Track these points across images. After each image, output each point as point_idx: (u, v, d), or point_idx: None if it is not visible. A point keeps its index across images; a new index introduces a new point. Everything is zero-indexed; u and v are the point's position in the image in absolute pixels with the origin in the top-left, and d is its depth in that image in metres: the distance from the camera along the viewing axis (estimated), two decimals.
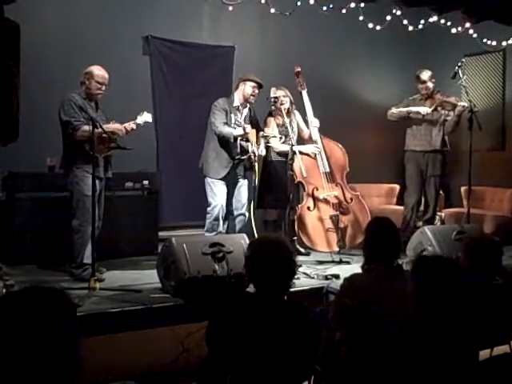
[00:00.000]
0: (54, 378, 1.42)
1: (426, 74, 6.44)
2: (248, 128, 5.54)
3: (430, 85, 6.42)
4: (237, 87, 5.86)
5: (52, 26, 6.21)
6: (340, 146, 6.20)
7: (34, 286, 1.53)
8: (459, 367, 2.22)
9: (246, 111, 5.83)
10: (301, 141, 6.12)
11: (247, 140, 5.58)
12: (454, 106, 6.35)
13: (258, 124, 5.91)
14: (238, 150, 5.67)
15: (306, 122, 6.16)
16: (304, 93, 6.11)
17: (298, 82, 6.10)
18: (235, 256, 4.35)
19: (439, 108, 6.41)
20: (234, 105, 5.76)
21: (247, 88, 5.73)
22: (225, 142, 5.67)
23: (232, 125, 5.65)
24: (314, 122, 6.07)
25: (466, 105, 6.28)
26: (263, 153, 5.74)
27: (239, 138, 5.61)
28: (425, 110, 6.36)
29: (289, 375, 2.55)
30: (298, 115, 6.19)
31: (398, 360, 2.22)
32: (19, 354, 1.39)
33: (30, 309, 1.44)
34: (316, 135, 6.06)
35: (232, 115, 5.69)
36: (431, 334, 2.19)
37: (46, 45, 6.06)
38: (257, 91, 5.76)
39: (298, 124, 6.16)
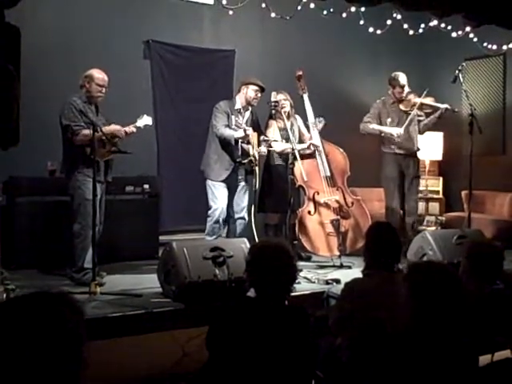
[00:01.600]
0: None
1: (404, 77, 6.36)
2: (249, 130, 5.54)
3: (407, 88, 6.38)
4: (239, 90, 5.87)
5: (53, 30, 6.22)
6: (341, 150, 6.20)
7: (39, 292, 1.52)
8: (459, 372, 2.22)
9: (247, 114, 5.84)
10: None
11: (248, 142, 5.59)
12: (435, 108, 6.32)
13: (259, 127, 5.91)
14: (240, 153, 5.68)
15: (307, 126, 6.16)
16: (305, 97, 6.12)
17: (299, 86, 6.11)
18: (236, 260, 4.34)
19: (411, 109, 6.31)
20: (236, 107, 5.77)
21: (250, 92, 5.74)
22: (226, 145, 5.68)
23: (233, 126, 5.66)
24: (318, 123, 6.03)
25: (449, 107, 6.26)
26: (265, 151, 5.70)
27: (240, 141, 5.62)
28: (398, 131, 6.24)
29: (290, 380, 2.54)
30: (299, 119, 6.19)
31: (398, 365, 2.22)
32: (20, 358, 1.40)
33: (34, 314, 1.44)
34: (317, 138, 6.05)
35: (236, 119, 5.70)
36: (430, 339, 2.19)
37: (47, 49, 6.07)
38: (259, 95, 5.78)
39: (299, 128, 6.16)
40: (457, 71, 6.22)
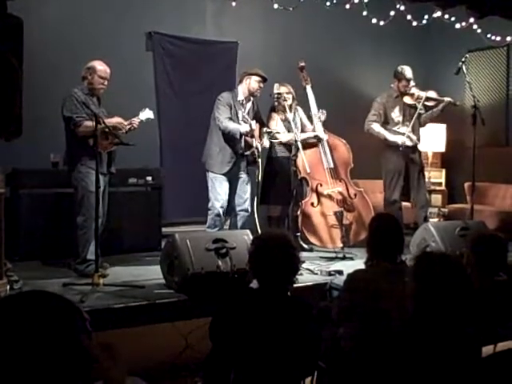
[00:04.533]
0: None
1: (410, 71, 6.28)
2: (254, 124, 5.52)
3: (413, 82, 6.35)
4: (241, 81, 5.83)
5: (55, 21, 6.20)
6: (344, 141, 6.19)
7: (40, 291, 1.50)
8: (462, 363, 2.22)
9: (249, 105, 5.82)
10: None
11: (252, 136, 5.57)
12: (439, 101, 6.30)
13: (261, 118, 5.90)
14: (243, 145, 5.66)
15: (309, 117, 6.15)
16: (308, 88, 6.09)
17: (302, 77, 6.09)
18: (238, 252, 4.34)
19: (416, 103, 6.27)
20: (238, 99, 5.74)
21: (253, 82, 5.71)
22: (229, 137, 5.65)
23: (240, 121, 5.64)
24: (321, 115, 6.02)
25: (452, 100, 6.25)
26: (267, 144, 5.70)
27: (244, 134, 5.60)
28: (402, 139, 6.18)
29: (292, 371, 2.55)
30: (301, 111, 6.17)
31: (400, 355, 2.22)
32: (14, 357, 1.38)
33: (33, 312, 1.42)
34: (320, 130, 6.03)
35: (239, 110, 5.67)
36: (434, 329, 2.19)
37: (50, 41, 6.07)
38: (262, 85, 5.75)
39: (301, 120, 6.15)
40: (460, 63, 6.18)
